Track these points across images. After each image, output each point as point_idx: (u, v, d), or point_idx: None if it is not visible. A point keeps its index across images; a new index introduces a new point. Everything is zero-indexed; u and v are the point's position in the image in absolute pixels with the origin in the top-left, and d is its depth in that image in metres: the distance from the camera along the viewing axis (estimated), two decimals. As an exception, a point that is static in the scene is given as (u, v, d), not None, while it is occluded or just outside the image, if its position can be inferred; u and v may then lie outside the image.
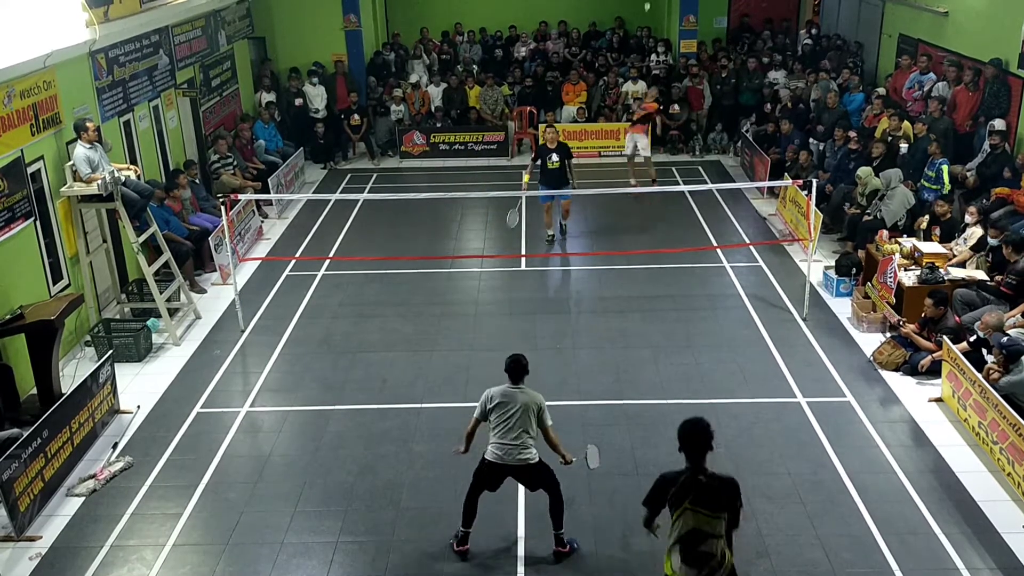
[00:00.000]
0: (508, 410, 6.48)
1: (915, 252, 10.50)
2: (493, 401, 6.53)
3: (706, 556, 5.11)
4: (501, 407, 6.50)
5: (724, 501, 5.15)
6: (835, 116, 14.73)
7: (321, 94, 18.07)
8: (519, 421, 6.46)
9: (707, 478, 5.14)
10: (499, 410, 6.51)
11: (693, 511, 5.12)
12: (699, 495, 5.11)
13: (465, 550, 6.85)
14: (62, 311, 8.70)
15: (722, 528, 5.16)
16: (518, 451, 6.50)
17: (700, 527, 5.12)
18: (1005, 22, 12.60)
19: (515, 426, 6.47)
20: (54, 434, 7.66)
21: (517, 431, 6.47)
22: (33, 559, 6.94)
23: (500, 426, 6.52)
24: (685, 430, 5.24)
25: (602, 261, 12.60)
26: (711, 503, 5.11)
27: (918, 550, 6.80)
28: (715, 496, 5.12)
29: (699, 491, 5.11)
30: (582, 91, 18.59)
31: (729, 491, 5.18)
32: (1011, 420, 7.41)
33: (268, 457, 8.22)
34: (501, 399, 6.52)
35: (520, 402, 6.48)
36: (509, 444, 6.49)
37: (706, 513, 5.11)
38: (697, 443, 5.18)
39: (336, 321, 11.00)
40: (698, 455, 5.18)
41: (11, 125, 9.19)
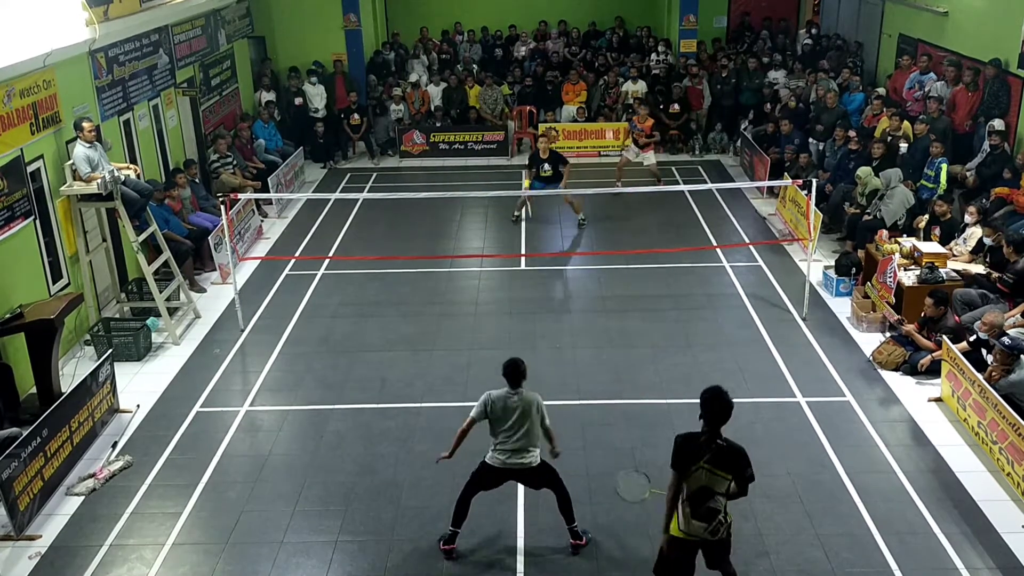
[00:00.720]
0: (511, 416, 6.49)
1: (915, 252, 10.50)
2: (494, 407, 6.52)
3: (714, 511, 5.58)
4: (503, 413, 6.51)
5: (735, 465, 5.58)
6: (835, 116, 14.74)
7: (321, 93, 18.07)
8: (522, 427, 6.50)
9: (724, 442, 5.58)
10: (501, 416, 6.51)
11: (708, 470, 5.54)
12: (715, 456, 5.54)
13: (452, 549, 6.84)
14: (62, 310, 8.70)
15: (728, 489, 5.59)
16: (521, 456, 6.55)
17: (710, 485, 5.56)
18: (1005, 22, 12.61)
19: (518, 431, 6.50)
20: (54, 433, 7.66)
21: (520, 436, 6.50)
22: (33, 558, 6.94)
23: (503, 432, 6.53)
24: (708, 398, 5.58)
25: (602, 261, 12.61)
26: (725, 464, 5.56)
27: (917, 550, 6.80)
28: (729, 459, 5.57)
29: (716, 452, 5.54)
30: (582, 91, 18.59)
31: (741, 458, 5.61)
32: (1010, 420, 7.41)
33: (268, 456, 8.22)
34: (503, 404, 6.51)
35: (521, 408, 6.51)
36: (511, 450, 6.52)
37: (719, 473, 5.54)
38: (719, 412, 5.55)
39: (336, 320, 11.00)
40: (717, 422, 5.56)
41: (11, 124, 9.19)
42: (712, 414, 5.56)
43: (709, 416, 5.57)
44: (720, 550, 5.82)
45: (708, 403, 5.57)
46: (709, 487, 5.57)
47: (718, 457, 5.56)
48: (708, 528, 5.61)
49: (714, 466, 5.55)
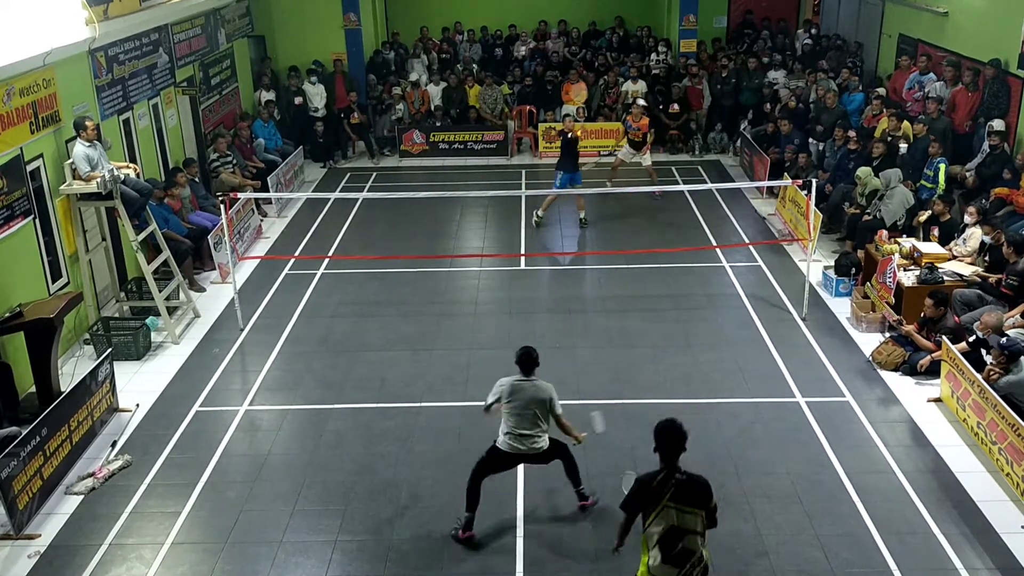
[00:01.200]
0: (521, 402, 6.70)
1: (914, 252, 10.50)
2: (506, 392, 6.76)
3: (687, 553, 5.21)
4: (514, 398, 6.72)
5: (701, 498, 5.29)
6: (835, 116, 14.74)
7: (320, 93, 18.06)
8: (532, 413, 6.71)
9: (684, 476, 5.29)
10: (512, 402, 6.73)
11: (675, 508, 5.23)
12: (678, 492, 5.24)
13: (471, 535, 6.96)
14: (61, 309, 8.69)
15: (700, 525, 5.27)
16: (531, 441, 6.76)
17: (680, 524, 5.22)
18: (1005, 22, 12.60)
19: (528, 417, 6.71)
20: (53, 432, 7.66)
21: (530, 422, 6.72)
22: (32, 557, 6.93)
23: (514, 417, 6.73)
24: (661, 430, 5.38)
25: (602, 261, 12.61)
26: (690, 499, 5.25)
27: (917, 550, 6.81)
28: (693, 493, 5.26)
29: (678, 488, 5.24)
30: (582, 90, 18.58)
31: (704, 489, 5.33)
32: (1010, 420, 7.41)
33: (267, 456, 8.21)
34: (513, 390, 6.74)
35: (531, 395, 6.73)
36: (522, 434, 6.73)
37: (686, 509, 5.23)
38: (673, 443, 5.33)
39: (335, 320, 11.00)
40: (673, 455, 5.32)
41: (10, 123, 9.19)
42: (667, 447, 5.33)
43: (664, 449, 5.33)
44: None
45: (662, 434, 5.35)
46: (680, 526, 5.21)
47: (682, 492, 5.24)
48: (680, 572, 5.20)
49: (678, 503, 5.22)
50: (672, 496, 5.22)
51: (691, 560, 5.20)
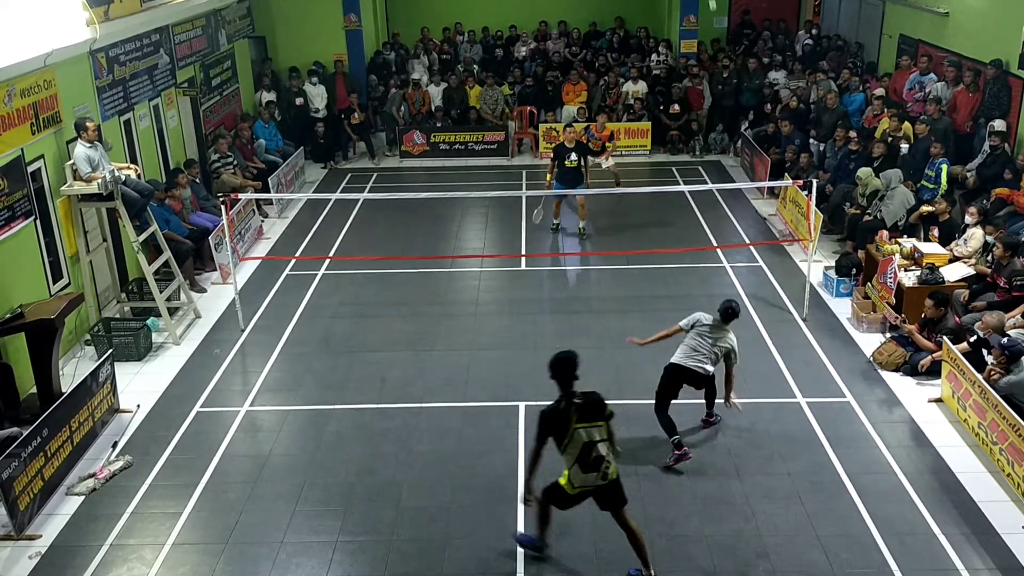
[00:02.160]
0: (711, 338, 7.93)
1: (915, 253, 10.50)
2: (701, 324, 7.99)
3: (599, 460, 6.18)
4: (707, 331, 7.96)
5: (599, 411, 6.21)
6: (835, 116, 14.73)
7: (321, 93, 18.07)
8: (715, 349, 7.92)
9: (580, 397, 6.18)
10: (704, 333, 7.95)
11: (583, 428, 6.14)
12: (581, 413, 6.14)
13: (684, 451, 7.78)
14: (62, 310, 8.70)
15: (603, 433, 6.21)
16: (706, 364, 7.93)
17: (589, 439, 6.15)
18: (1005, 23, 12.60)
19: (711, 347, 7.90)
20: (54, 433, 7.66)
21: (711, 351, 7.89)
22: (33, 558, 6.94)
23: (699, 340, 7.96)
24: (556, 362, 6.19)
25: (602, 261, 12.60)
26: (591, 415, 6.18)
27: (918, 550, 6.80)
28: (591, 409, 6.19)
29: (579, 410, 6.14)
30: (582, 91, 18.58)
31: (599, 403, 6.23)
32: (1011, 421, 7.41)
33: (268, 456, 8.22)
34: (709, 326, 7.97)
35: (719, 336, 7.92)
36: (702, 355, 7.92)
37: (591, 425, 6.16)
38: (567, 372, 6.16)
39: (336, 321, 11.00)
40: (568, 383, 6.17)
41: (11, 124, 9.19)
42: (563, 376, 6.15)
43: (560, 378, 6.16)
44: (611, 491, 6.31)
45: (557, 365, 6.16)
46: (589, 441, 6.15)
47: (584, 412, 6.15)
48: (599, 475, 6.19)
49: (583, 422, 6.14)
50: (578, 418, 6.13)
51: (602, 465, 6.18)
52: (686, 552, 6.83)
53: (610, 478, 6.25)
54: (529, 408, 8.80)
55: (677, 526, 7.14)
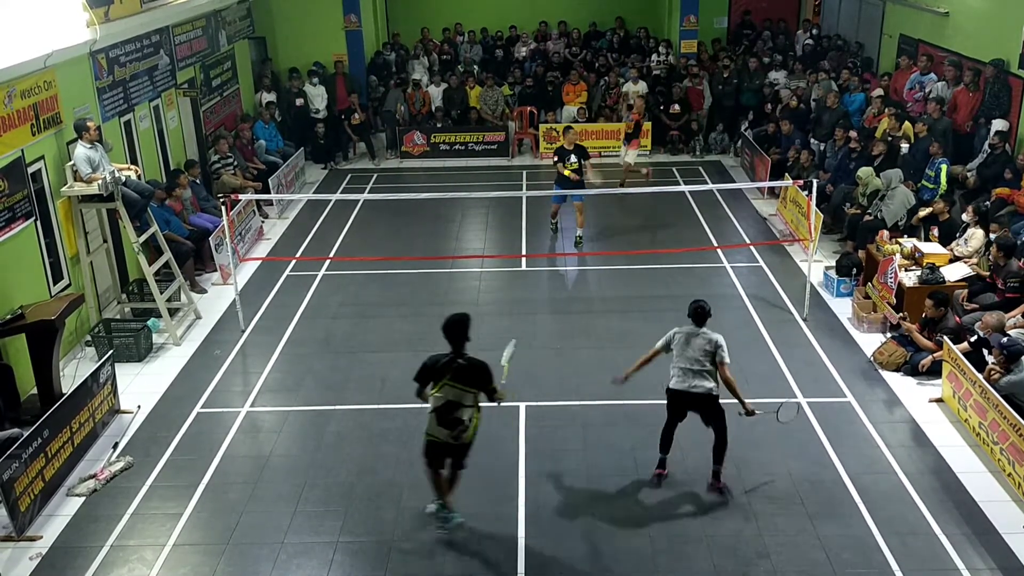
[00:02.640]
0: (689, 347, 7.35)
1: (916, 252, 10.50)
2: (676, 339, 7.46)
3: (456, 421, 6.58)
4: (683, 344, 7.40)
5: (476, 380, 6.57)
6: (836, 116, 14.73)
7: (322, 94, 18.07)
8: (699, 356, 7.31)
9: (465, 360, 6.57)
10: (682, 348, 7.41)
11: (450, 385, 6.54)
12: (456, 373, 6.53)
13: (663, 473, 7.64)
14: (62, 311, 8.70)
15: (472, 400, 6.58)
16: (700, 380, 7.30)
17: (455, 399, 6.54)
18: (1006, 22, 12.60)
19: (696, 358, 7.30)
20: (54, 434, 7.67)
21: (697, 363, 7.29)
22: (33, 559, 6.94)
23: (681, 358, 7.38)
24: (448, 324, 6.62)
25: (602, 261, 12.60)
26: (464, 380, 6.55)
27: (919, 550, 6.80)
28: (469, 374, 6.55)
29: (457, 370, 6.54)
30: (582, 91, 18.59)
31: (480, 372, 6.60)
32: (1011, 420, 7.41)
33: (268, 457, 8.22)
34: (683, 338, 7.41)
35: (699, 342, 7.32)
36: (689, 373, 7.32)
37: (460, 387, 6.54)
38: (456, 333, 6.60)
39: (336, 321, 11.00)
40: (458, 343, 6.60)
41: (12, 125, 9.19)
42: (452, 337, 6.59)
43: (450, 338, 6.60)
44: (461, 452, 6.80)
45: (448, 327, 6.61)
46: (455, 401, 6.54)
47: (460, 374, 6.52)
48: (451, 434, 6.61)
49: (455, 381, 6.52)
50: (452, 376, 6.53)
51: (459, 427, 6.58)
52: (686, 552, 6.83)
53: (462, 441, 6.69)
54: (529, 408, 8.81)
55: (677, 526, 7.14)
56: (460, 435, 6.66)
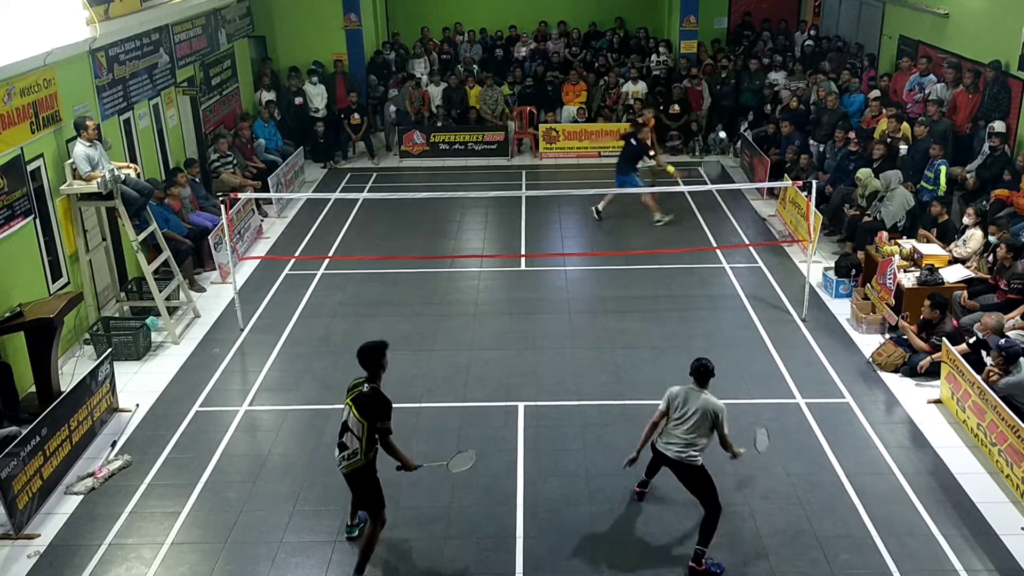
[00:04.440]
0: (687, 410, 6.64)
1: (915, 254, 10.50)
2: (676, 399, 6.73)
3: (342, 445, 6.42)
4: (681, 406, 6.69)
5: (369, 411, 6.29)
6: (835, 117, 14.74)
7: (321, 93, 18.06)
8: (695, 423, 6.61)
9: (369, 390, 6.35)
10: (679, 408, 6.69)
11: (349, 406, 6.38)
12: (356, 399, 6.36)
13: (643, 491, 7.35)
14: (61, 309, 8.70)
15: (361, 431, 6.31)
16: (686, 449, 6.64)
17: (347, 421, 6.39)
18: (1005, 24, 12.60)
19: (691, 427, 6.62)
20: (53, 432, 7.66)
21: (691, 431, 6.62)
22: (31, 557, 6.94)
23: (676, 421, 6.69)
24: (361, 350, 6.46)
25: (602, 261, 12.60)
26: (360, 406, 6.32)
27: (917, 551, 6.81)
28: (367, 406, 6.31)
29: (357, 397, 6.36)
30: (582, 91, 18.59)
31: (376, 407, 6.30)
32: (1010, 422, 7.41)
33: (267, 456, 8.21)
34: (683, 398, 6.71)
35: (698, 406, 6.62)
36: (678, 440, 6.65)
37: (353, 412, 6.35)
38: (366, 361, 6.42)
39: (335, 320, 11.00)
40: (369, 370, 6.42)
41: (11, 123, 9.19)
42: (364, 363, 6.42)
43: (363, 364, 6.43)
44: (350, 480, 6.55)
45: (362, 355, 6.43)
46: (346, 422, 6.39)
47: (359, 400, 6.33)
48: (338, 455, 6.46)
49: (354, 405, 6.34)
50: (352, 399, 6.36)
51: (344, 451, 6.40)
52: (685, 553, 6.83)
53: (343, 470, 6.48)
54: (528, 408, 8.81)
55: (676, 527, 7.14)
56: (342, 461, 6.43)
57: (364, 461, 6.39)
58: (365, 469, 6.42)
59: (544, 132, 17.90)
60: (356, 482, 6.53)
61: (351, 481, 6.55)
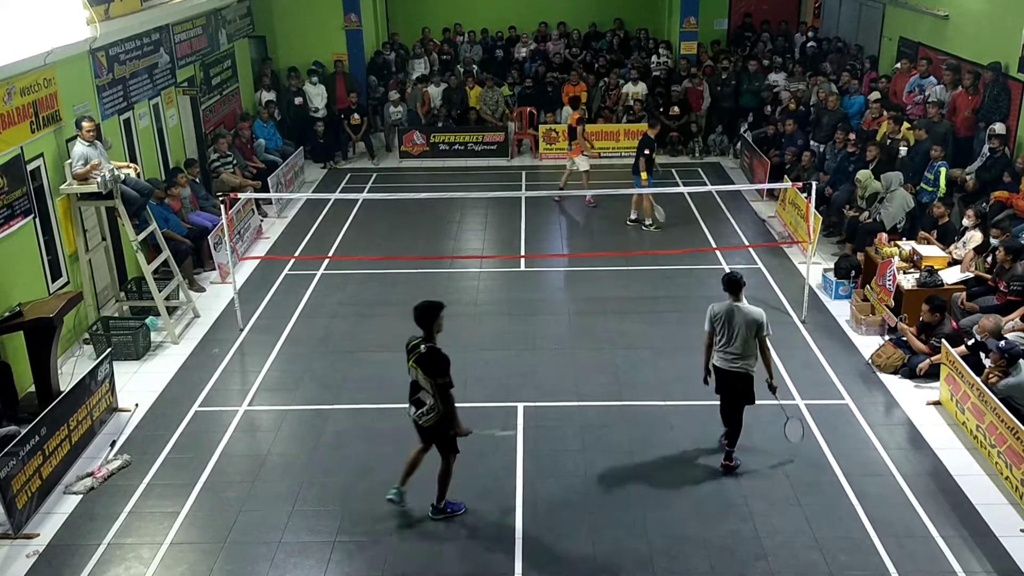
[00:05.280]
0: (734, 328, 7.47)
1: (914, 255, 10.51)
2: (718, 318, 7.54)
3: (419, 402, 6.89)
4: (726, 324, 7.49)
5: (430, 368, 6.73)
6: (836, 118, 14.74)
7: (321, 93, 18.06)
8: (743, 337, 7.46)
9: (426, 349, 6.77)
10: (724, 327, 7.51)
11: (414, 368, 6.86)
12: (418, 360, 6.82)
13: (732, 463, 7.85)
14: (61, 309, 8.69)
15: (429, 386, 6.76)
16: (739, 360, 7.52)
17: (417, 380, 6.87)
18: (1005, 25, 12.61)
19: (740, 342, 7.47)
20: (52, 432, 7.66)
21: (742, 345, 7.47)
22: (30, 557, 6.93)
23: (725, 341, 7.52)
24: (417, 308, 6.85)
25: (601, 262, 12.60)
26: (422, 365, 6.79)
27: (916, 553, 6.81)
28: (424, 360, 6.77)
29: (418, 358, 6.81)
30: (582, 92, 18.58)
31: (434, 366, 6.74)
32: (1009, 423, 7.41)
33: (266, 456, 8.21)
34: (725, 316, 7.50)
35: (741, 320, 7.43)
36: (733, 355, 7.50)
37: (420, 371, 6.81)
38: (422, 319, 6.82)
39: (335, 320, 11.00)
40: (425, 329, 6.83)
41: (11, 122, 9.19)
42: (420, 321, 6.83)
43: (419, 323, 6.84)
44: (426, 434, 7.04)
45: (418, 313, 6.83)
46: (416, 381, 6.88)
47: (421, 360, 6.78)
48: (415, 412, 6.91)
49: (418, 365, 6.80)
50: (415, 360, 6.83)
51: (421, 407, 6.86)
52: (684, 553, 6.83)
53: (422, 424, 6.93)
54: (528, 409, 8.81)
55: (675, 528, 7.14)
56: (421, 416, 6.87)
57: (442, 413, 6.83)
58: (443, 420, 6.88)
59: (544, 133, 17.90)
60: (435, 433, 6.96)
61: (430, 433, 6.98)
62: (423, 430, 7.00)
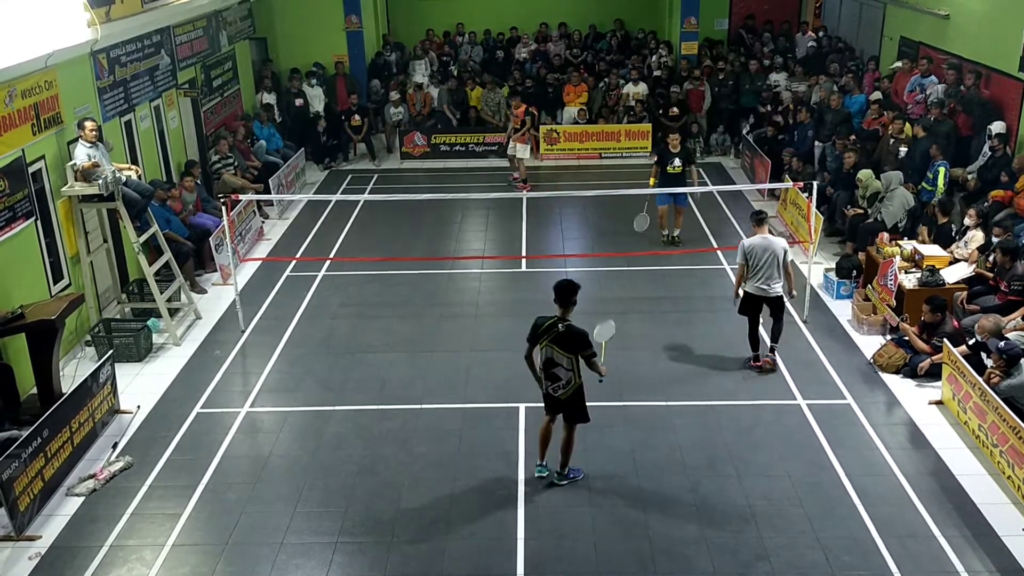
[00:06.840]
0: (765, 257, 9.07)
1: (916, 255, 10.50)
2: (753, 252, 9.08)
3: (554, 377, 7.34)
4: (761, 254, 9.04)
5: (571, 345, 7.20)
6: (839, 117, 14.74)
7: (319, 95, 18.06)
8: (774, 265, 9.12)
9: (564, 328, 7.20)
10: (758, 258, 9.06)
11: (550, 347, 7.26)
12: (555, 339, 7.23)
13: (759, 364, 9.42)
14: (62, 311, 8.69)
15: (570, 363, 7.26)
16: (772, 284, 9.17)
17: (552, 357, 7.28)
18: (1006, 25, 12.60)
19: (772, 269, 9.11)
20: (54, 434, 7.67)
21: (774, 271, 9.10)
22: (32, 559, 6.94)
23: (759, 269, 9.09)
24: (557, 286, 7.27)
25: (602, 262, 12.60)
26: (561, 343, 7.22)
27: (918, 553, 6.80)
28: (565, 340, 7.21)
29: (555, 337, 7.22)
30: (583, 92, 18.58)
31: (577, 340, 7.21)
32: (1011, 423, 7.41)
33: (268, 458, 8.22)
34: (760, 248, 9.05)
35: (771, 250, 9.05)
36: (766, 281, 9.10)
37: (557, 349, 7.24)
38: (561, 296, 7.24)
39: (336, 322, 11.00)
40: (562, 307, 7.26)
41: (12, 125, 9.20)
42: (558, 300, 7.26)
43: (557, 301, 7.26)
44: (564, 406, 7.47)
45: (556, 290, 7.24)
46: (552, 358, 7.28)
47: (557, 338, 7.20)
48: (551, 385, 7.37)
49: (554, 344, 7.22)
50: (550, 340, 7.23)
51: (556, 382, 7.34)
52: (685, 554, 6.83)
53: (561, 398, 7.39)
54: (529, 409, 8.80)
55: (676, 528, 7.14)
56: (559, 389, 7.33)
57: (578, 383, 7.35)
58: (579, 389, 7.39)
59: (545, 133, 17.89)
60: (572, 403, 7.43)
61: (567, 404, 7.43)
62: (557, 402, 7.42)
